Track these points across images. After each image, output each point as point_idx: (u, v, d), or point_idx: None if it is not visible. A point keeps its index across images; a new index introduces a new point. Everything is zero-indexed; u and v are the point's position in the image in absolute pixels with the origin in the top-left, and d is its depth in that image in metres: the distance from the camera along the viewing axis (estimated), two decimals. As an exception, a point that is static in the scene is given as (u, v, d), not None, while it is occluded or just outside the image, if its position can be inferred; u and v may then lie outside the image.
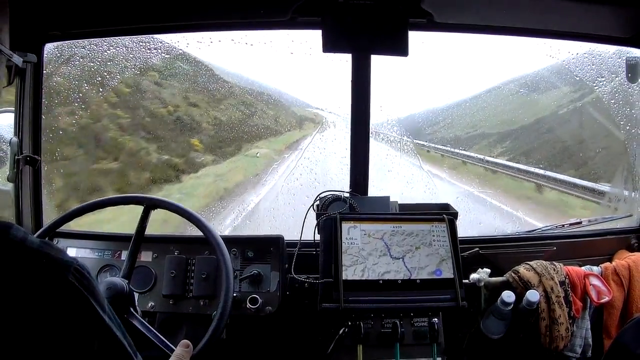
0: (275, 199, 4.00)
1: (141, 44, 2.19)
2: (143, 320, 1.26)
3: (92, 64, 2.16)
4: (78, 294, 0.55)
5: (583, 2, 1.58)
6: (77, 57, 2.05)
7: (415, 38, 1.61)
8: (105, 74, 2.38)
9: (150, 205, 1.39)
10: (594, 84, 2.07)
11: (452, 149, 6.90)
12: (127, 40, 2.13)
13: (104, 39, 1.99)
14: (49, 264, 0.54)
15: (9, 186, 1.63)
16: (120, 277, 1.29)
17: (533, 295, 1.47)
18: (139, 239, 1.37)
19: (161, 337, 1.22)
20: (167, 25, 1.69)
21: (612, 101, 2.04)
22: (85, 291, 0.55)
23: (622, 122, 2.03)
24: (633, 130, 2.00)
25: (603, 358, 1.13)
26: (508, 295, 1.46)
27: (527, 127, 6.92)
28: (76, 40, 1.94)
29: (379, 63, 1.67)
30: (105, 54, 2.12)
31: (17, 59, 0.72)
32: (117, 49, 2.15)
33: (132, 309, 1.26)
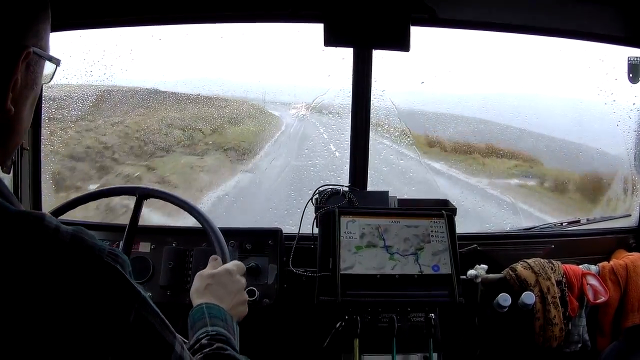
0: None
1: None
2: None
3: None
4: (115, 272, 0.58)
5: (586, 0, 1.58)
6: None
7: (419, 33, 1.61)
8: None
9: (143, 195, 1.39)
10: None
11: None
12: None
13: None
14: (84, 249, 0.57)
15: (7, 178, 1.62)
16: None
17: (529, 297, 1.48)
18: (133, 230, 1.37)
19: None
20: (158, 16, 1.66)
21: (614, 101, 2.03)
22: (121, 269, 0.59)
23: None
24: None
25: None
26: (504, 299, 1.47)
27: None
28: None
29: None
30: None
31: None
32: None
33: None
